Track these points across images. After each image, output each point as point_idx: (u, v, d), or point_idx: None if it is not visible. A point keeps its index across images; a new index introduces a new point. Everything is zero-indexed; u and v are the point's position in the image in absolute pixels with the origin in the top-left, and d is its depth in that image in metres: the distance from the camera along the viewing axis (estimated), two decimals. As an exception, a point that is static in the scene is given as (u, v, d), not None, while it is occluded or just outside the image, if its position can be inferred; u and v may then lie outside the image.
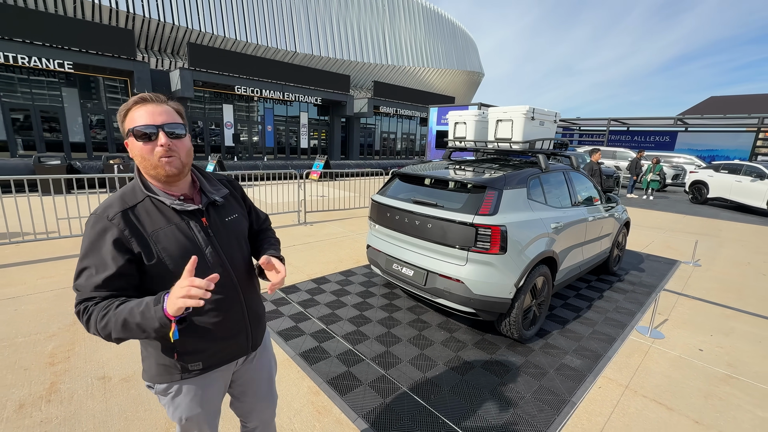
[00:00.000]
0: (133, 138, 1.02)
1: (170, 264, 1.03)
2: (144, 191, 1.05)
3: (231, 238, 1.20)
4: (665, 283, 4.54)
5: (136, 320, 0.92)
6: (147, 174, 1.07)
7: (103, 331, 0.95)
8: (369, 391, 2.35)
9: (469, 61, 38.12)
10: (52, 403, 2.13)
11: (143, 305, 0.93)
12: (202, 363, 1.15)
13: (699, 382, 2.63)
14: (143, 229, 1.02)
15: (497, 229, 2.61)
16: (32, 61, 12.07)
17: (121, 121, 1.04)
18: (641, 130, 20.08)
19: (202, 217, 1.12)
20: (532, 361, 2.77)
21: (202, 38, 21.85)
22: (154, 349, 1.12)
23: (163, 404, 1.21)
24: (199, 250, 1.09)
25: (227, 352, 1.21)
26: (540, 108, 3.39)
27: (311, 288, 3.89)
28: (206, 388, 1.21)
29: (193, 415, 1.20)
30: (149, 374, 1.16)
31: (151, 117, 1.02)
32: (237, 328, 1.20)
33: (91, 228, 1.00)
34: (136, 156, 1.05)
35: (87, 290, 0.97)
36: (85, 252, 0.99)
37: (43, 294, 3.49)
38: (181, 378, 1.15)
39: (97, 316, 0.94)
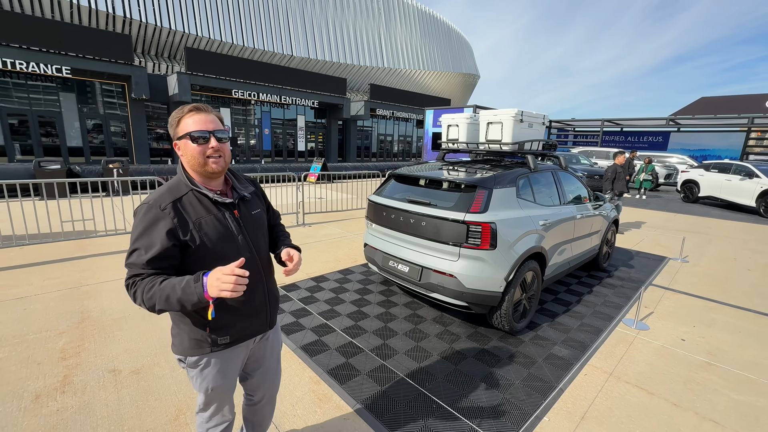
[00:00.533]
0: (188, 140, 1.21)
1: (210, 248, 1.22)
2: (188, 186, 1.24)
3: (256, 229, 1.40)
4: (653, 279, 4.70)
5: (177, 295, 1.09)
6: (195, 171, 1.26)
7: (148, 302, 1.11)
8: (367, 380, 2.48)
9: (464, 64, 38.44)
10: (67, 393, 2.25)
11: (184, 283, 1.10)
12: (229, 337, 1.32)
13: (680, 369, 2.78)
14: (189, 217, 1.19)
15: (487, 226, 2.76)
16: (30, 66, 12.15)
17: (174, 126, 1.24)
18: (635, 130, 20.36)
19: (234, 209, 1.32)
20: (522, 351, 2.91)
21: (199, 42, 21.98)
22: (187, 325, 1.28)
23: (191, 376, 1.36)
24: (233, 237, 1.28)
25: (250, 329, 1.39)
26: (528, 111, 3.54)
27: (311, 286, 4.02)
28: (230, 361, 1.38)
29: (218, 386, 1.36)
30: (181, 348, 1.31)
31: (203, 124, 1.22)
32: (259, 307, 1.39)
33: (143, 215, 1.17)
34: (188, 156, 1.23)
35: (137, 267, 1.14)
36: (137, 235, 1.16)
37: (51, 294, 3.60)
38: (210, 351, 1.31)
39: (143, 289, 1.11)
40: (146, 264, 1.14)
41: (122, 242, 5.35)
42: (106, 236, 5.53)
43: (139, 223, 1.17)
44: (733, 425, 2.21)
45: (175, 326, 1.33)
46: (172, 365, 2.56)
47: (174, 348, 1.35)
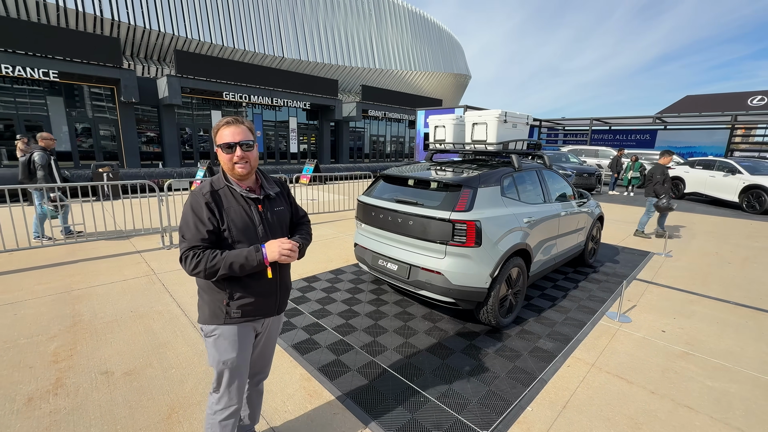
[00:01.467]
0: (220, 150, 1.50)
1: (234, 231, 1.48)
2: (224, 182, 1.53)
3: (276, 223, 1.63)
4: (637, 273, 4.84)
5: (240, 262, 1.40)
6: (228, 172, 1.54)
7: (210, 269, 1.38)
8: (357, 375, 2.54)
9: (455, 64, 38.69)
10: (59, 396, 2.28)
11: (246, 252, 1.42)
12: (241, 311, 1.54)
13: (658, 358, 2.89)
14: (221, 204, 1.48)
15: (472, 224, 2.84)
16: (16, 70, 12.01)
17: (214, 135, 1.53)
18: (623, 128, 20.70)
19: (259, 204, 1.58)
20: (509, 345, 3.00)
21: (189, 45, 21.86)
22: (210, 296, 1.52)
23: (208, 347, 1.58)
24: (255, 226, 1.54)
25: (261, 309, 1.59)
26: (512, 111, 3.64)
27: (302, 286, 4.07)
28: (240, 336, 1.57)
29: (229, 359, 1.55)
30: (203, 317, 1.56)
31: (232, 136, 1.49)
32: (271, 290, 1.60)
33: (191, 199, 1.47)
34: (221, 161, 1.53)
35: (193, 240, 1.41)
36: (188, 215, 1.45)
37: (42, 299, 3.61)
38: (224, 322, 1.53)
39: (207, 257, 1.39)
40: (202, 237, 1.41)
41: (112, 247, 5.35)
42: (96, 241, 5.52)
43: (189, 206, 1.46)
44: (706, 410, 2.32)
45: (201, 299, 1.57)
46: (165, 366, 2.60)
47: (199, 318, 1.59)
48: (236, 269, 1.41)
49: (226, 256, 1.40)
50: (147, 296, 3.74)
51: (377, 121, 25.25)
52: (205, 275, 1.40)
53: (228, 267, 1.40)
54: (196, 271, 1.39)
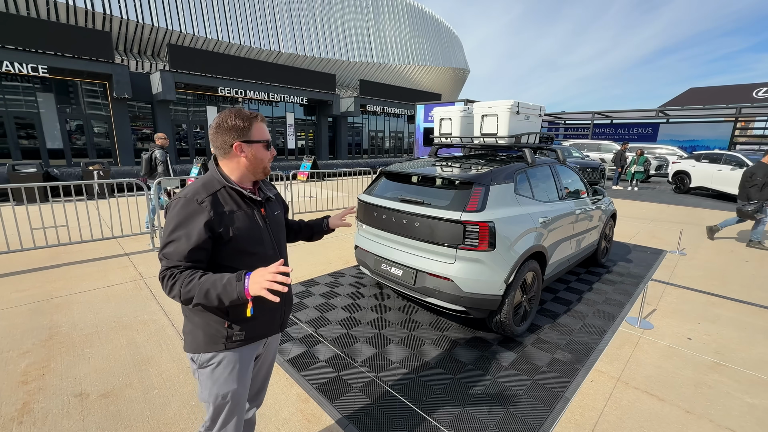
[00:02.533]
0: (261, 145, 1.32)
1: (239, 242, 1.26)
2: (221, 182, 1.29)
3: (279, 228, 1.49)
4: (653, 273, 4.59)
5: (217, 291, 1.13)
6: (254, 171, 1.34)
7: (185, 295, 1.14)
8: (359, 396, 2.29)
9: (454, 58, 38.26)
10: (24, 424, 2.02)
11: (225, 280, 1.13)
12: (245, 333, 1.32)
13: (688, 371, 2.64)
14: (223, 211, 1.24)
15: (485, 225, 2.58)
16: (4, 65, 11.63)
17: (244, 128, 1.28)
18: (624, 122, 20.43)
19: (261, 208, 1.38)
20: (524, 357, 2.75)
21: (183, 39, 21.42)
22: (204, 319, 1.28)
23: (201, 381, 1.34)
24: (261, 233, 1.34)
25: (264, 328, 1.39)
26: (525, 102, 3.37)
27: (299, 291, 3.82)
28: (242, 362, 1.35)
29: (230, 392, 1.33)
30: (194, 345, 1.31)
31: (267, 132, 1.36)
32: (276, 306, 1.39)
33: (181, 208, 1.20)
34: (255, 159, 1.31)
35: (174, 258, 1.17)
36: (174, 227, 1.19)
37: (18, 308, 3.34)
38: (225, 347, 1.30)
39: (182, 281, 1.14)
40: (184, 256, 1.17)
41: (100, 249, 5.07)
42: (82, 243, 5.24)
43: (176, 216, 1.20)
44: (751, 433, 2.08)
45: (189, 322, 1.32)
46: (146, 386, 2.34)
47: (186, 346, 1.34)
48: (212, 300, 1.14)
49: (203, 283, 1.14)
50: (132, 304, 3.47)
51: (376, 117, 24.89)
52: (181, 301, 1.17)
53: (203, 296, 1.13)
54: (172, 295, 1.16)
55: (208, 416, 1.38)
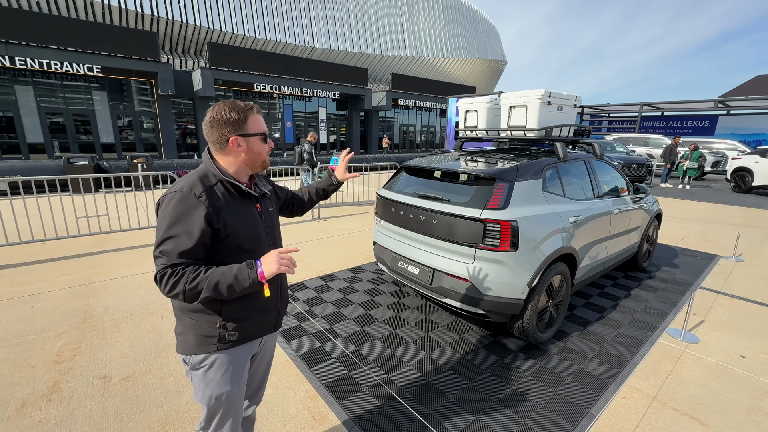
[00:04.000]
0: (258, 138, 1.27)
1: (237, 237, 1.22)
2: (217, 176, 1.23)
3: (275, 224, 1.45)
4: (702, 281, 4.16)
5: (228, 281, 1.11)
6: (252, 165, 1.30)
7: (191, 290, 1.10)
8: (368, 396, 2.23)
9: (490, 50, 36.97)
10: (52, 402, 2.14)
11: (236, 270, 1.12)
12: (238, 333, 1.28)
13: (740, 394, 2.34)
14: (221, 205, 1.20)
15: (507, 224, 2.41)
16: (64, 66, 12.62)
17: (240, 121, 1.22)
18: (677, 114, 18.80)
19: (257, 203, 1.35)
20: (548, 366, 2.56)
21: (222, 37, 22.23)
22: (196, 320, 1.24)
23: (195, 382, 1.30)
24: (257, 228, 1.31)
25: (259, 327, 1.35)
26: (558, 92, 3.11)
27: (318, 285, 3.81)
28: (235, 363, 1.31)
29: (223, 393, 1.29)
30: (186, 346, 1.27)
31: (264, 124, 1.30)
32: (271, 304, 1.37)
33: (177, 203, 1.14)
34: (253, 152, 1.27)
35: (173, 256, 1.12)
36: (171, 223, 1.13)
37: (60, 291, 3.59)
38: (217, 348, 1.26)
39: (188, 277, 1.10)
40: (186, 252, 1.12)
41: (139, 237, 5.36)
42: (123, 231, 5.56)
43: (173, 211, 1.14)
44: (814, 472, 1.79)
45: (180, 323, 1.28)
46: (164, 372, 2.42)
47: (178, 348, 1.30)
48: (223, 291, 1.11)
49: (211, 275, 1.11)
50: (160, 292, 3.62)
51: (407, 111, 24.64)
52: (184, 298, 1.12)
53: (213, 288, 1.11)
54: (174, 293, 1.11)
55: (203, 417, 1.35)
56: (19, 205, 6.07)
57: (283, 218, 1.74)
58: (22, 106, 12.98)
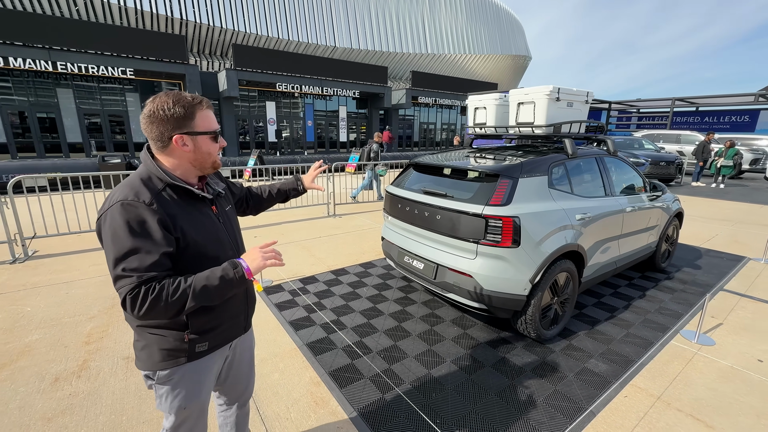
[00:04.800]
0: (208, 138, 1.15)
1: (197, 245, 1.12)
2: (163, 180, 1.11)
3: (234, 225, 1.37)
4: (725, 283, 3.99)
5: (214, 284, 1.04)
6: (201, 167, 1.18)
7: (175, 303, 1.00)
8: (369, 385, 2.31)
9: (514, 45, 36.15)
10: (81, 378, 2.35)
11: (220, 272, 1.06)
12: (208, 343, 1.21)
13: (753, 398, 2.27)
14: (174, 212, 1.09)
15: (509, 220, 2.42)
16: (100, 69, 13.37)
17: (185, 117, 1.09)
18: (713, 110, 17.81)
19: (212, 205, 1.26)
20: (550, 363, 2.56)
21: (247, 39, 22.83)
22: (159, 335, 1.14)
23: (160, 395, 1.21)
24: (217, 232, 1.22)
25: (228, 332, 1.30)
26: (567, 87, 3.07)
27: (329, 279, 3.93)
28: (206, 372, 1.26)
29: (193, 402, 1.24)
30: (150, 362, 1.16)
31: (215, 120, 1.18)
32: (239, 308, 1.32)
33: (126, 214, 1.01)
34: (202, 152, 1.14)
35: (143, 271, 0.99)
36: (126, 238, 0.99)
37: (92, 279, 3.87)
38: (186, 361, 1.18)
39: (168, 290, 0.99)
40: (154, 264, 1.00)
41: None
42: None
43: (124, 224, 1.00)
44: (823, 479, 1.73)
45: (142, 338, 1.16)
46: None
47: (139, 363, 1.19)
48: (211, 295, 1.05)
49: (194, 282, 1.03)
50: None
51: (427, 108, 24.52)
52: (166, 314, 1.01)
53: (199, 295, 1.03)
54: (153, 312, 0.99)
55: (166, 426, 1.26)
56: (58, 200, 6.52)
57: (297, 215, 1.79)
58: (63, 108, 13.86)
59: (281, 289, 3.68)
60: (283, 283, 3.81)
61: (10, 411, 2.07)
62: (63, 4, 18.87)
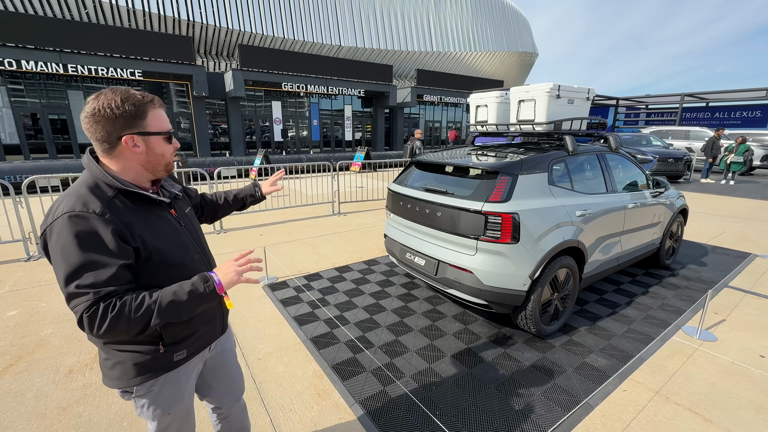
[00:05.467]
0: (161, 138, 1.09)
1: (163, 252, 1.08)
2: (113, 186, 1.03)
3: (196, 228, 1.32)
4: (730, 279, 3.97)
5: (182, 299, 0.99)
6: (153, 170, 1.11)
7: (139, 320, 0.95)
8: (370, 378, 2.37)
9: (520, 42, 35.88)
10: (94, 370, 2.44)
11: (189, 287, 1.01)
12: (186, 351, 1.19)
13: (752, 393, 2.28)
14: (129, 221, 1.02)
15: (508, 216, 2.46)
16: (110, 71, 13.61)
17: (136, 116, 1.02)
18: (724, 105, 17.51)
19: (171, 209, 1.20)
20: (550, 357, 2.59)
21: (253, 39, 23.01)
22: (131, 351, 1.09)
23: (141, 405, 1.17)
24: (179, 237, 1.17)
25: (205, 337, 1.27)
26: (568, 85, 3.09)
27: (333, 276, 3.99)
28: (186, 378, 1.24)
29: (176, 407, 1.22)
30: (125, 379, 1.11)
31: (167, 120, 1.12)
32: (214, 313, 1.29)
33: (74, 227, 0.93)
34: (155, 154, 1.08)
35: (99, 286, 0.92)
36: (77, 252, 0.92)
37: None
38: (165, 372, 1.15)
39: (130, 306, 0.94)
40: (111, 279, 0.94)
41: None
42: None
43: (73, 238, 0.92)
44: (819, 472, 1.74)
45: (111, 356, 1.10)
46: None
47: (111, 382, 1.13)
48: (178, 312, 1.00)
49: (161, 297, 0.98)
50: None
51: (433, 107, 24.49)
52: (128, 333, 0.96)
53: (165, 311, 0.97)
54: (114, 331, 0.93)
55: (153, 430, 1.23)
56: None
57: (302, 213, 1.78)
58: (74, 110, 14.13)
59: (286, 285, 3.75)
60: (288, 280, 3.88)
61: (27, 400, 2.16)
62: (73, 7, 19.21)
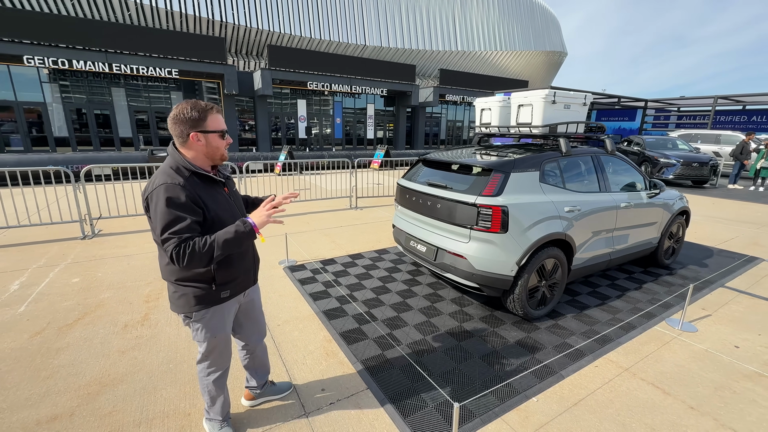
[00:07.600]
0: (216, 135, 1.52)
1: (215, 216, 1.52)
2: (188, 169, 1.49)
3: (240, 202, 1.80)
4: (728, 280, 4.09)
5: (231, 237, 1.41)
6: (208, 158, 1.56)
7: (205, 255, 1.37)
8: (372, 344, 2.75)
9: (549, 41, 35.21)
10: (144, 326, 2.94)
11: (233, 230, 1.43)
12: (230, 291, 1.66)
13: (717, 375, 2.50)
14: (199, 192, 1.48)
15: (498, 209, 2.77)
16: (149, 70, 14.60)
17: (196, 120, 1.45)
18: (762, 108, 16.72)
19: (224, 186, 1.67)
20: (534, 337, 2.89)
21: (281, 39, 23.83)
22: (194, 286, 1.55)
23: (196, 329, 1.63)
24: (230, 207, 1.63)
25: (242, 284, 1.75)
26: (564, 91, 3.34)
27: (346, 262, 4.40)
28: (228, 311, 1.72)
29: (221, 334, 1.69)
30: (188, 306, 1.57)
31: (223, 122, 1.57)
32: (249, 265, 1.78)
33: (168, 192, 1.39)
34: (211, 147, 1.52)
35: (182, 233, 1.37)
36: (169, 210, 1.38)
37: (147, 254, 4.56)
38: (215, 304, 1.62)
39: (200, 244, 1.37)
40: (188, 228, 1.38)
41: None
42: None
43: (167, 201, 1.38)
44: (757, 437, 1.99)
45: (179, 290, 1.56)
46: (220, 314, 3.14)
47: (177, 308, 1.60)
48: (230, 246, 1.42)
49: (217, 237, 1.41)
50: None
51: (455, 106, 24.55)
52: (201, 263, 1.39)
53: (222, 246, 1.40)
54: (193, 263, 1.37)
55: (202, 351, 1.71)
56: (114, 188, 7.43)
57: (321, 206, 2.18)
58: (116, 106, 15.25)
59: (304, 268, 4.19)
60: (306, 263, 4.32)
61: (95, 345, 2.68)
62: (117, 10, 20.57)
